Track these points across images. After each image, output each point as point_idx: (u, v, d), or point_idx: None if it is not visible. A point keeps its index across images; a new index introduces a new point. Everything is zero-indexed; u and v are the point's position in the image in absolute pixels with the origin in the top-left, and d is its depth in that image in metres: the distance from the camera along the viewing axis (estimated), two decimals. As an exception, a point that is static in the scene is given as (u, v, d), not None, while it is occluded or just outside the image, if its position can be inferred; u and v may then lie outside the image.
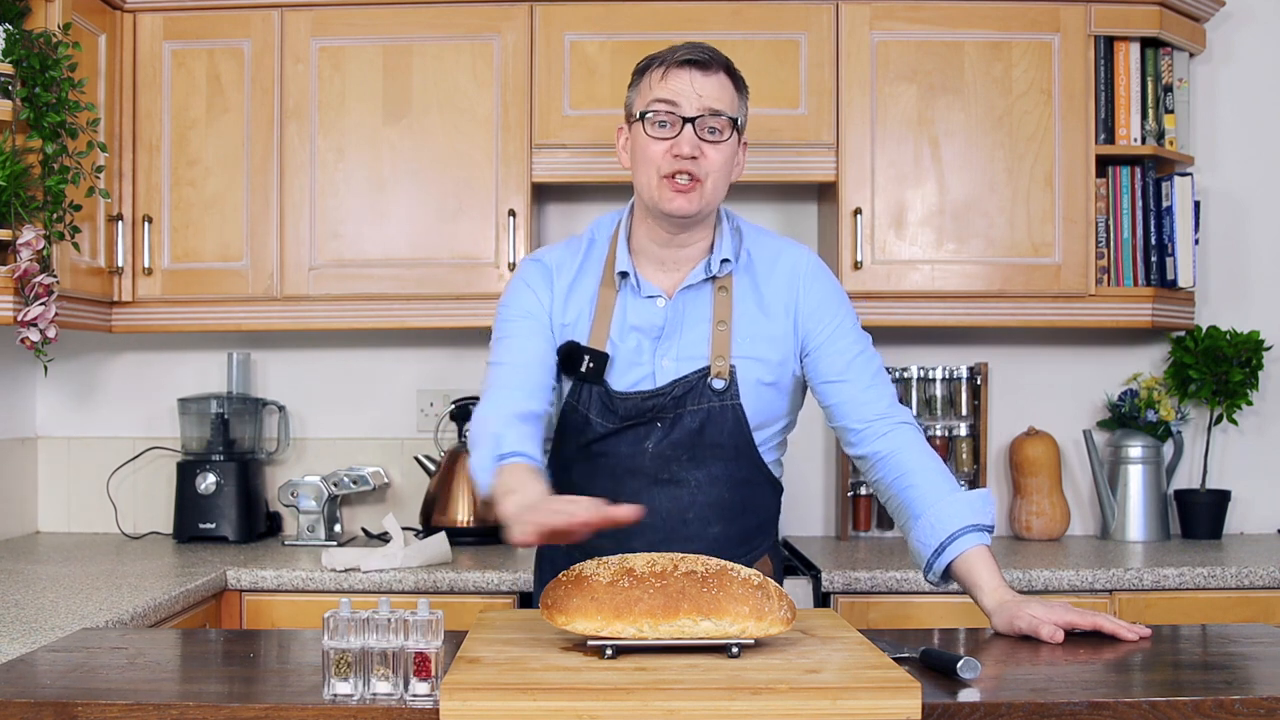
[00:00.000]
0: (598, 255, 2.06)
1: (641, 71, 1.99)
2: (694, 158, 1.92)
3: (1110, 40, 3.05)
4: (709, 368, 1.98)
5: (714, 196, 1.96)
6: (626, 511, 1.62)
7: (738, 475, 2.02)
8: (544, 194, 3.18)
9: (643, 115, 1.94)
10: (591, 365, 1.98)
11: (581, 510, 1.61)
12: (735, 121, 1.96)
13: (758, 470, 2.04)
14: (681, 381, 1.98)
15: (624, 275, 2.01)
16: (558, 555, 2.06)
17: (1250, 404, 3.25)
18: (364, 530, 3.29)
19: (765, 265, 2.03)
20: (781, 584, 2.27)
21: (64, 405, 3.38)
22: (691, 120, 1.92)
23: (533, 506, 1.68)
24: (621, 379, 1.99)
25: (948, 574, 1.90)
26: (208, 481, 3.12)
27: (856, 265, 2.99)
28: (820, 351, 2.02)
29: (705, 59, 1.94)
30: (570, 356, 2.00)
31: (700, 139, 1.92)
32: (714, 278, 2.01)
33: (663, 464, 1.99)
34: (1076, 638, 1.75)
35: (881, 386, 2.02)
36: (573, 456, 2.05)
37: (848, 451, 2.05)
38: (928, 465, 1.96)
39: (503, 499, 1.75)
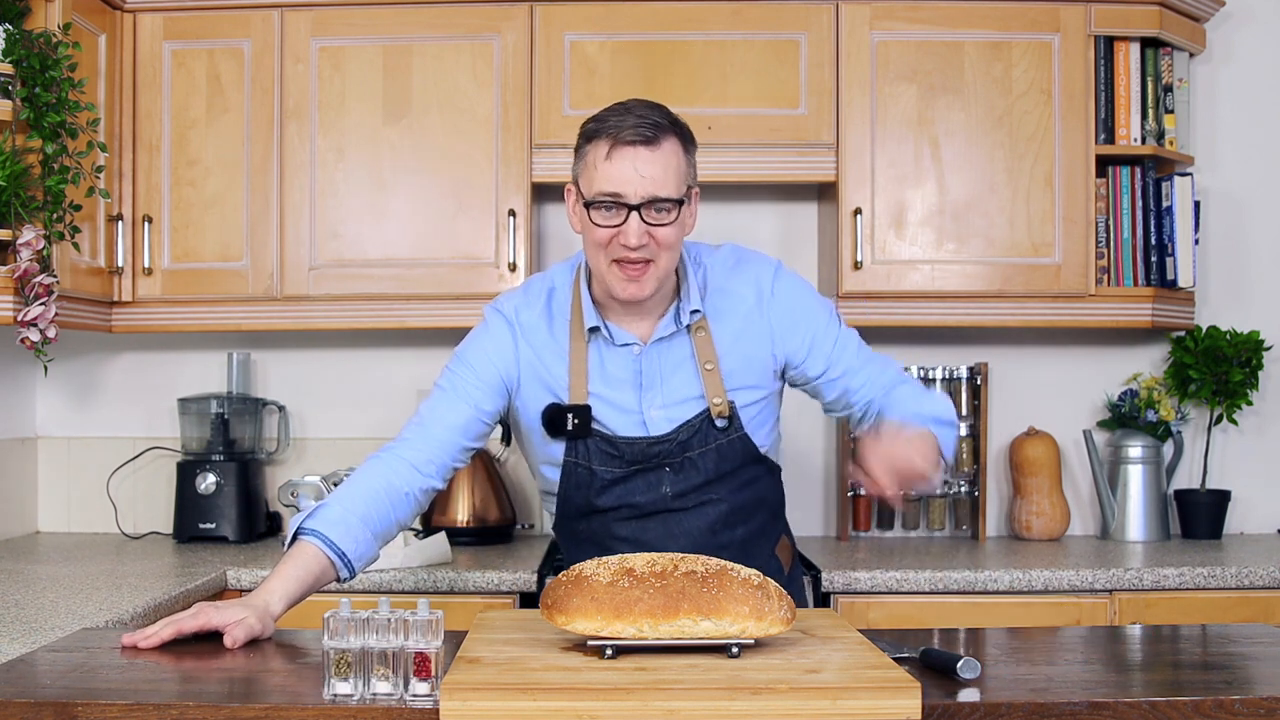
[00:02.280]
0: (561, 305, 2.05)
1: (588, 138, 1.93)
2: (642, 245, 1.90)
3: (1110, 40, 3.05)
4: (708, 409, 2.01)
5: (667, 270, 1.95)
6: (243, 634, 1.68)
7: (750, 478, 2.09)
8: (544, 194, 3.17)
9: (588, 205, 1.92)
10: (577, 421, 2.00)
11: (216, 619, 1.69)
12: (682, 202, 1.92)
13: (764, 467, 2.11)
14: (686, 426, 2.01)
15: (594, 330, 2.01)
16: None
17: (1250, 404, 3.25)
18: (364, 530, 3.28)
19: (732, 297, 2.05)
20: (799, 564, 2.33)
21: (64, 405, 3.37)
22: (637, 208, 1.88)
23: (196, 611, 1.72)
24: (613, 427, 2.02)
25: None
26: (208, 481, 3.12)
27: (856, 265, 2.99)
28: (806, 362, 2.06)
29: (651, 135, 1.88)
30: (553, 420, 2.01)
31: (647, 223, 1.89)
32: (687, 326, 2.02)
33: (683, 499, 2.04)
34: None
35: (869, 367, 2.08)
36: (584, 509, 2.07)
37: (857, 432, 2.12)
38: (910, 391, 2.06)
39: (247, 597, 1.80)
